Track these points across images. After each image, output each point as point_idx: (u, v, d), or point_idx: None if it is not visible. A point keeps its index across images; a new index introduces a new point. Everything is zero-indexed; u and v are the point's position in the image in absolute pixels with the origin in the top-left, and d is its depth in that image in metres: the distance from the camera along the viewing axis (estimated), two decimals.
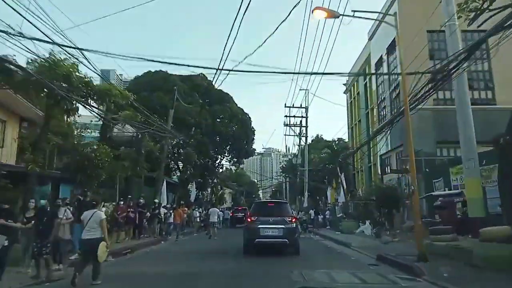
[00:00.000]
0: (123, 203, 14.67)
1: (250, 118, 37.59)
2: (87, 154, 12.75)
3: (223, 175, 49.11)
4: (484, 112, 17.58)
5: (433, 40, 21.48)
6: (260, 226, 11.11)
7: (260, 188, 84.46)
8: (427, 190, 15.53)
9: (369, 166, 31.82)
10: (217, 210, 21.53)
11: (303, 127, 34.35)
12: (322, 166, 33.56)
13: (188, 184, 33.32)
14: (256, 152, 48.39)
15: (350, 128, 38.54)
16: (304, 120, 34.11)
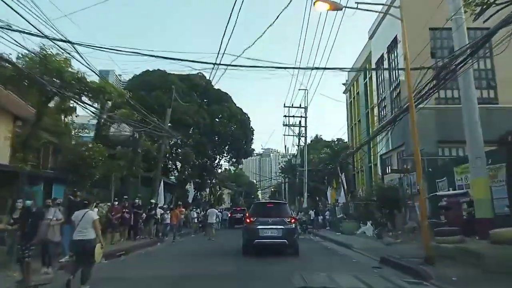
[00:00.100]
0: (117, 203, 14.27)
1: (249, 118, 37.40)
2: (80, 152, 12.30)
3: (222, 176, 48.76)
4: (486, 111, 17.18)
5: (435, 37, 21.18)
6: (259, 227, 11.11)
7: (259, 188, 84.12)
8: (430, 191, 15.15)
9: (369, 166, 31.50)
10: (215, 211, 21.19)
11: (302, 127, 34.14)
12: (321, 166, 33.23)
13: (186, 184, 32.97)
14: (255, 152, 48.07)
15: (349, 128, 38.25)
16: (303, 120, 33.96)
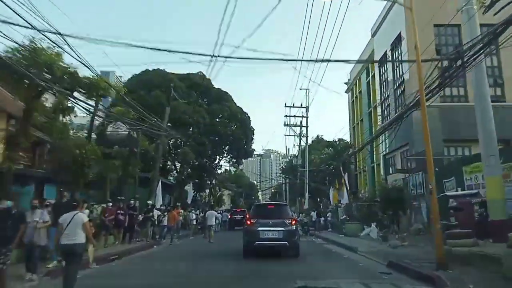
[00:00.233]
0: (111, 204, 13.68)
1: (249, 118, 36.88)
2: (72, 151, 11.70)
3: (222, 177, 48.24)
4: (493, 109, 16.64)
5: (440, 34, 20.69)
6: (260, 229, 10.94)
7: (259, 189, 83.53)
8: (437, 191, 14.49)
9: (372, 167, 30.97)
10: (214, 213, 20.62)
11: (304, 127, 33.62)
12: (323, 166, 32.68)
13: (185, 185, 32.42)
14: (255, 153, 47.51)
15: (352, 128, 37.73)
16: (304, 120, 33.46)
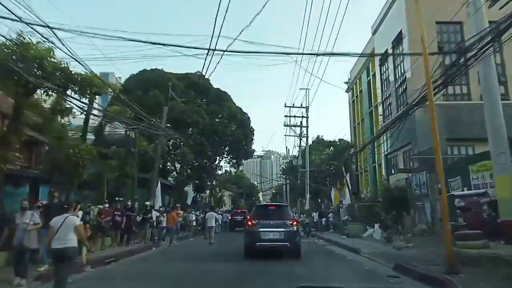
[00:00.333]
0: (108, 205, 13.31)
1: (249, 118, 36.54)
2: (65, 151, 11.31)
3: (222, 177, 47.87)
4: None
5: (442, 32, 20.37)
6: (260, 230, 10.89)
7: (260, 190, 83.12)
8: None
9: (373, 166, 30.58)
10: (214, 215, 20.26)
11: (304, 127, 33.23)
12: (324, 166, 32.30)
13: (185, 186, 32.03)
14: (256, 154, 47.09)
15: (352, 127, 37.35)
16: (304, 120, 33.07)
